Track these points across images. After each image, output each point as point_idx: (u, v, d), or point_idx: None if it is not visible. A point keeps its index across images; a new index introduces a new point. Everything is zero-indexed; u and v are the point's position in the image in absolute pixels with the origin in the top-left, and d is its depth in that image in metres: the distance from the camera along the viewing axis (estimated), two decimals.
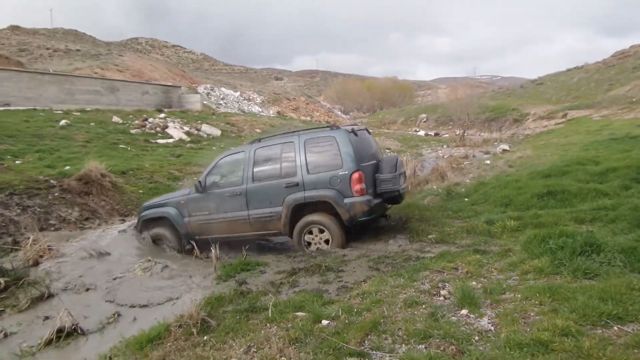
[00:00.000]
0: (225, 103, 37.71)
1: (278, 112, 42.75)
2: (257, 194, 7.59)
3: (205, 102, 33.25)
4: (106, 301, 6.00)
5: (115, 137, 17.11)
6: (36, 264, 7.21)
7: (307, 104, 54.62)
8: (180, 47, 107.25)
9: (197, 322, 4.59)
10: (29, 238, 7.55)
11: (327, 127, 7.53)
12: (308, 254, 7.08)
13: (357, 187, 7.00)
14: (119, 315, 5.46)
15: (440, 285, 5.00)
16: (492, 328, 3.88)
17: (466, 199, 10.39)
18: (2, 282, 6.23)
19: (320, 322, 4.29)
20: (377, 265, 6.09)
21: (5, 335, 5.13)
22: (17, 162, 12.03)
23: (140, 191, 11.78)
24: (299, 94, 62.65)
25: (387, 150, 24.89)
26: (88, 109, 22.10)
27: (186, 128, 21.25)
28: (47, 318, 5.48)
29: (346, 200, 7.06)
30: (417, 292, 4.82)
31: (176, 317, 4.81)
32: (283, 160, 7.50)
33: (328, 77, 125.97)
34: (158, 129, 20.02)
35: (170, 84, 36.11)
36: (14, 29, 63.26)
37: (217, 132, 22.05)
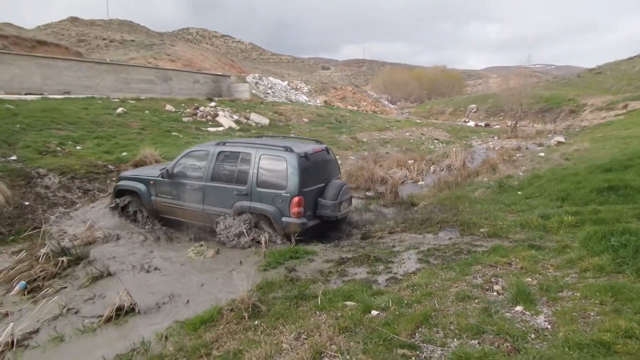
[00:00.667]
0: (273, 92, 38.06)
1: (325, 102, 42.75)
2: (212, 192, 8.11)
3: (253, 92, 33.67)
4: (161, 283, 6.23)
5: (169, 125, 17.61)
6: (94, 244, 7.55)
7: (354, 94, 54.29)
8: (230, 37, 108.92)
9: (249, 307, 4.68)
10: (88, 220, 7.92)
11: (283, 148, 7.76)
12: (356, 244, 7.09)
13: (294, 210, 7.42)
14: (173, 296, 5.64)
15: (493, 280, 4.88)
16: (549, 326, 3.76)
17: (519, 192, 10.06)
18: (65, 260, 6.56)
19: (370, 312, 4.28)
20: (427, 257, 6.01)
21: (68, 311, 5.40)
22: (77, 147, 12.61)
23: None
24: (345, 84, 62.35)
25: (436, 141, 24.47)
26: (142, 97, 22.84)
27: (235, 117, 21.60)
28: (105, 296, 5.74)
29: (284, 219, 7.51)
30: (469, 286, 4.72)
31: (228, 301, 4.93)
32: (239, 168, 7.95)
33: (375, 66, 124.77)
34: (209, 117, 20.45)
35: (220, 73, 36.74)
36: (73, 20, 66.05)
37: (265, 121, 22.30)
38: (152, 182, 8.76)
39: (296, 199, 7.41)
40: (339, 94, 50.29)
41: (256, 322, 4.44)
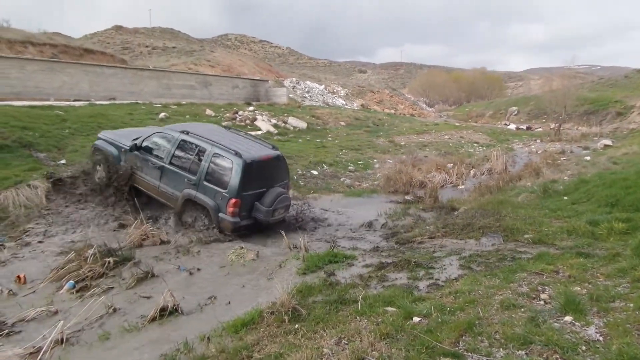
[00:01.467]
0: (310, 96, 38.25)
1: (362, 105, 42.63)
2: (168, 174, 8.91)
3: (291, 96, 33.94)
4: (202, 284, 6.33)
5: None
6: (140, 246, 7.76)
7: (391, 97, 53.92)
8: (267, 42, 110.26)
9: (289, 310, 4.69)
10: (135, 222, 8.15)
11: (234, 151, 8.31)
12: (396, 249, 7.02)
13: (230, 209, 8.14)
14: (214, 298, 5.73)
15: (539, 288, 4.73)
16: (601, 338, 3.60)
17: (565, 198, 9.73)
18: (111, 261, 6.77)
19: (412, 318, 4.22)
20: (469, 263, 5.89)
21: (115, 310, 5.55)
22: None
23: None
24: (382, 87, 62.04)
25: (475, 144, 24.00)
26: (184, 102, 23.39)
27: (273, 120, 21.82)
28: (149, 297, 5.88)
29: (220, 215, 8.24)
30: (515, 295, 4.59)
31: (268, 304, 4.96)
32: (194, 159, 8.70)
33: (412, 69, 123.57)
34: (247, 121, 20.75)
35: (258, 78, 37.24)
36: (118, 29, 68.43)
37: (303, 124, 22.42)
38: (123, 149, 9.56)
39: (233, 200, 8.12)
40: (376, 97, 50.07)
41: (296, 325, 4.45)
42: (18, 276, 6.42)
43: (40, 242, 8.09)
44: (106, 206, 9.35)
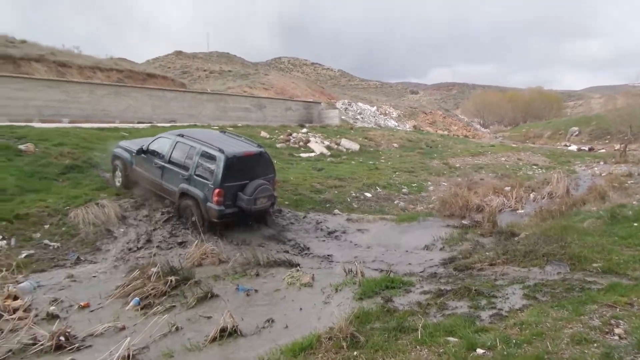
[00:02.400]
0: (362, 118, 38.38)
1: (414, 127, 42.30)
2: (168, 172, 10.27)
3: (343, 117, 34.17)
4: (260, 306, 6.41)
5: None
6: (200, 265, 7.99)
7: (444, 118, 53.21)
8: (319, 64, 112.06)
9: (347, 336, 4.66)
10: (195, 242, 8.42)
11: (217, 148, 9.56)
12: (455, 276, 6.86)
13: (215, 198, 9.29)
14: (273, 321, 5.77)
15: (612, 322, 4.48)
16: None
17: (635, 224, 9.19)
18: (173, 279, 6.98)
19: (475, 350, 4.09)
20: (534, 293, 5.65)
21: (177, 329, 5.71)
22: None
23: (286, 202, 12.43)
24: (435, 108, 61.39)
25: (534, 167, 23.19)
26: (239, 124, 24.06)
27: (326, 142, 22.02)
28: (210, 317, 6.01)
29: (208, 204, 9.40)
30: (586, 328, 4.36)
31: (326, 329, 4.94)
32: (187, 157, 10.01)
33: (465, 89, 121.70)
34: (301, 143, 21.04)
35: (310, 100, 37.81)
36: (178, 54, 71.80)
37: (355, 146, 22.48)
38: (133, 154, 11.09)
39: (217, 190, 9.27)
40: (428, 119, 49.57)
41: (355, 352, 4.41)
42: (81, 304, 6.67)
43: (106, 259, 8.50)
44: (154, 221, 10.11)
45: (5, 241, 8.43)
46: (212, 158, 9.54)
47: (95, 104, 20.42)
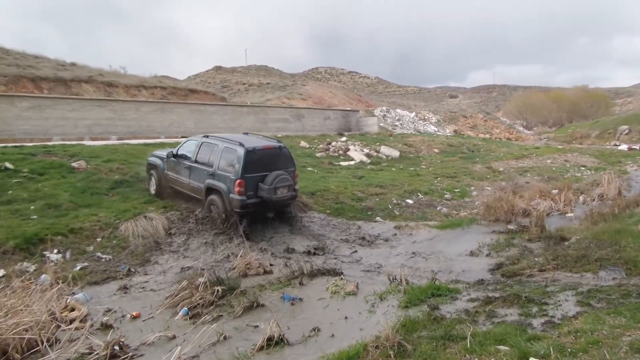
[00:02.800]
0: (401, 124, 38.11)
1: (455, 131, 41.64)
2: (195, 170, 11.08)
3: (381, 124, 34.05)
4: (305, 315, 6.45)
5: (304, 161, 18.51)
6: (245, 275, 8.12)
7: (486, 121, 52.13)
8: (356, 72, 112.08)
9: (394, 345, 4.62)
10: (240, 252, 8.57)
11: (238, 142, 10.27)
12: (503, 282, 6.69)
13: (237, 189, 9.88)
14: (318, 330, 5.78)
15: None
16: None
17: None
18: (219, 289, 7.12)
19: (528, 359, 3.97)
20: (588, 299, 5.44)
21: (225, 338, 5.81)
22: None
23: (328, 211, 12.48)
24: (475, 111, 60.23)
25: (582, 168, 22.38)
26: (279, 135, 24.36)
27: (366, 150, 21.99)
28: (256, 326, 6.09)
29: (231, 195, 10.01)
30: None
31: (372, 338, 4.91)
32: (211, 155, 10.74)
33: (506, 91, 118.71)
34: (340, 151, 21.11)
35: (348, 108, 37.91)
36: (217, 69, 73.57)
37: (395, 153, 22.35)
38: (164, 159, 12.04)
39: (238, 181, 9.86)
40: (469, 122, 48.69)
41: None
42: (134, 314, 6.89)
43: (154, 270, 8.77)
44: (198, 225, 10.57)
45: (60, 254, 8.85)
46: (233, 152, 10.23)
47: (141, 121, 21.20)
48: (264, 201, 10.15)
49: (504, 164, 22.75)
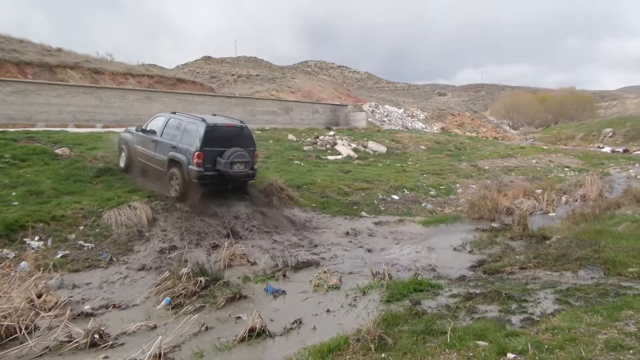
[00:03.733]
0: (389, 120, 38.20)
1: (442, 129, 41.85)
2: (160, 144, 11.57)
3: (370, 120, 34.11)
4: (287, 307, 6.46)
5: (291, 154, 18.48)
6: (229, 266, 8.10)
7: (473, 120, 52.47)
8: (346, 67, 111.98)
9: (375, 338, 4.64)
10: (223, 243, 8.54)
11: (200, 118, 10.95)
12: (484, 279, 6.77)
13: (195, 160, 10.44)
14: (300, 322, 5.79)
15: None
16: None
17: None
18: (202, 280, 7.09)
19: (505, 355, 4.01)
20: (567, 297, 5.52)
21: (207, 329, 5.79)
22: None
23: (314, 204, 12.49)
24: (463, 110, 60.58)
25: (566, 169, 22.69)
26: (267, 127, 24.32)
27: (353, 145, 22.02)
28: (239, 317, 6.08)
29: (189, 167, 10.54)
30: (621, 334, 4.24)
31: (354, 331, 4.94)
32: (175, 130, 11.33)
33: (494, 90, 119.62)
34: (328, 145, 21.11)
35: (337, 103, 37.87)
36: (206, 59, 72.91)
37: (382, 149, 22.42)
38: (134, 134, 12.63)
39: (197, 153, 10.43)
40: (456, 120, 48.97)
41: (383, 355, 4.39)
42: (114, 305, 6.83)
43: (137, 259, 8.70)
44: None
45: (42, 242, 8.72)
46: (195, 127, 10.86)
47: (128, 109, 20.96)
48: (221, 174, 10.72)
49: (490, 162, 22.96)
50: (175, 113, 12.07)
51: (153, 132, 11.95)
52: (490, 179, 17.87)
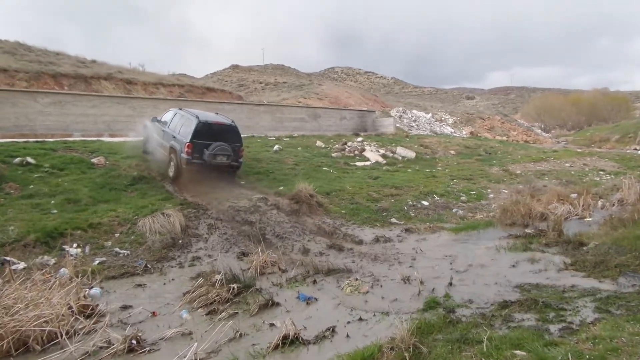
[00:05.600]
0: (417, 125, 37.88)
1: (471, 133, 41.24)
2: (167, 134, 13.77)
3: (397, 125, 33.89)
4: (320, 314, 6.47)
5: (319, 160, 18.52)
6: (261, 273, 8.16)
7: (503, 123, 51.53)
8: (372, 72, 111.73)
9: (409, 347, 4.61)
10: (255, 250, 8.62)
11: (195, 116, 13.10)
12: (520, 287, 6.63)
13: (185, 149, 12.50)
14: (334, 330, 5.79)
15: None
16: None
17: None
18: (235, 287, 7.17)
19: None
20: (607, 306, 5.38)
21: (240, 336, 5.85)
22: (241, 182, 13.89)
23: (343, 211, 12.48)
24: (493, 113, 59.61)
25: (602, 172, 22.06)
26: (295, 134, 24.43)
27: (382, 151, 21.91)
28: (272, 324, 6.12)
29: (181, 154, 12.64)
30: None
31: (387, 339, 4.92)
32: (178, 123, 13.52)
33: (524, 93, 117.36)
34: (356, 152, 21.06)
35: (365, 108, 37.80)
36: (234, 67, 73.95)
37: (411, 154, 22.24)
38: (150, 121, 15.08)
39: (187, 143, 12.49)
40: (486, 124, 48.20)
41: None
42: (153, 312, 6.93)
43: (172, 267, 8.86)
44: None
45: (80, 249, 9.00)
46: (190, 122, 12.95)
47: None
48: (206, 163, 12.66)
49: (522, 166, 22.51)
50: (181, 109, 14.32)
51: (164, 123, 14.20)
52: (522, 184, 17.51)
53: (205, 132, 12.68)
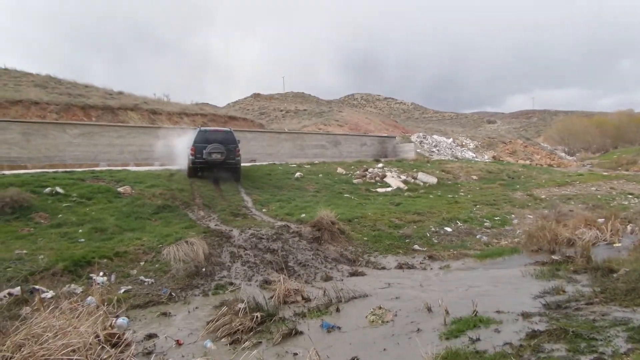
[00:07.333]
0: (438, 150, 37.81)
1: (493, 157, 40.93)
2: (188, 142, 18.01)
3: (418, 150, 33.88)
4: (343, 344, 6.41)
5: (340, 187, 18.59)
6: (284, 302, 8.15)
7: (525, 147, 51.07)
8: (392, 98, 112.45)
9: None
10: (278, 278, 8.62)
11: (199, 127, 19.00)
12: (548, 315, 6.47)
13: (190, 152, 17.29)
14: (358, 359, 5.73)
15: None
16: None
17: None
18: (258, 316, 7.17)
19: None
20: None
21: None
22: (263, 210, 13.99)
23: (365, 238, 12.44)
24: (515, 137, 59.14)
25: (630, 196, 21.56)
26: (316, 161, 24.62)
27: (403, 177, 21.89)
28: (295, 354, 6.09)
29: (189, 156, 17.26)
30: None
31: None
32: (191, 136, 17.82)
33: (547, 116, 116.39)
34: (377, 178, 21.08)
35: (385, 134, 37.94)
36: (256, 96, 75.39)
37: (433, 180, 22.15)
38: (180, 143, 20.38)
39: (191, 147, 17.27)
40: (508, 148, 47.83)
41: None
42: (177, 341, 6.96)
43: (195, 295, 8.92)
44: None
45: (106, 277, 9.14)
46: (195, 132, 18.08)
47: None
48: (205, 161, 16.97)
49: (546, 191, 22.18)
50: (200, 128, 18.89)
51: (189, 142, 18.27)
52: (547, 209, 17.22)
53: (205, 138, 17.33)
